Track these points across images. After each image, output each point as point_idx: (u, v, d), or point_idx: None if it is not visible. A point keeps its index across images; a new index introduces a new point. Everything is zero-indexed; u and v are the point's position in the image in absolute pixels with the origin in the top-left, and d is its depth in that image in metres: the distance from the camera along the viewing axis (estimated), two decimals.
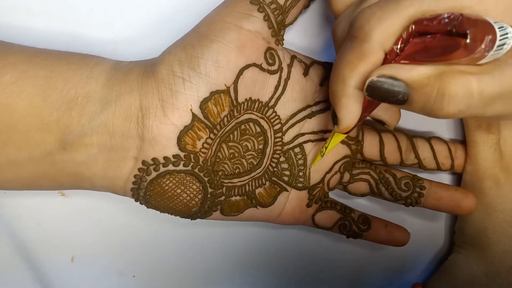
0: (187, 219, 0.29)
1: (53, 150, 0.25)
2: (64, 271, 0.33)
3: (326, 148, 0.27)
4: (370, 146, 0.32)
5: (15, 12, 0.29)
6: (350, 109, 0.23)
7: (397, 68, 0.21)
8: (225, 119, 0.27)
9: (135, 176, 0.26)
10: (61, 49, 0.27)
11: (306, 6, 0.29)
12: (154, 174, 0.26)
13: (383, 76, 0.21)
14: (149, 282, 0.34)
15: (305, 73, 0.29)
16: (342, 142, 0.31)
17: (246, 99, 0.27)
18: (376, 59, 0.21)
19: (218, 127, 0.27)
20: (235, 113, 0.27)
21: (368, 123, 0.33)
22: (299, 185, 0.31)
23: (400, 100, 0.21)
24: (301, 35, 0.32)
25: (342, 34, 0.24)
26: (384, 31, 0.21)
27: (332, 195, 0.34)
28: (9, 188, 0.27)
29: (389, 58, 0.21)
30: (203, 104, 0.26)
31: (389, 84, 0.21)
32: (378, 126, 0.33)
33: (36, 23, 0.29)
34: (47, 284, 0.33)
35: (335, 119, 0.24)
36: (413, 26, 0.21)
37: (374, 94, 0.21)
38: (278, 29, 0.28)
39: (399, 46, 0.21)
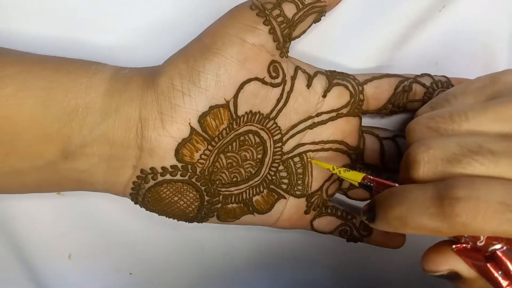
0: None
1: (55, 159, 0.26)
2: (61, 269, 0.34)
3: (343, 172, 0.28)
4: (371, 153, 0.33)
5: (15, 17, 0.29)
6: (389, 230, 0.23)
7: (461, 266, 0.22)
8: (224, 132, 0.27)
9: (133, 182, 0.27)
10: (63, 54, 0.27)
11: (316, 21, 0.29)
12: (152, 182, 0.27)
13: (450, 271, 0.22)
14: (146, 280, 0.36)
15: (309, 85, 0.30)
16: (343, 151, 0.31)
17: (246, 112, 0.28)
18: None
19: (216, 139, 0.27)
20: (234, 126, 0.28)
21: (369, 130, 0.33)
22: (297, 192, 0.31)
23: (454, 281, 0.23)
24: (305, 42, 0.32)
25: (423, 178, 0.22)
26: (470, 232, 0.20)
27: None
28: (13, 193, 0.29)
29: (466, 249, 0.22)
30: (202, 118, 0.26)
31: (451, 274, 0.23)
32: (381, 133, 0.33)
33: (36, 28, 0.29)
34: (44, 281, 0.34)
35: (370, 218, 0.23)
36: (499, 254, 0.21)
37: (438, 277, 0.23)
38: (283, 42, 0.28)
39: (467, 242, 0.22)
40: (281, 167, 0.31)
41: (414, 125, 0.24)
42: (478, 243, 0.21)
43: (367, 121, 0.34)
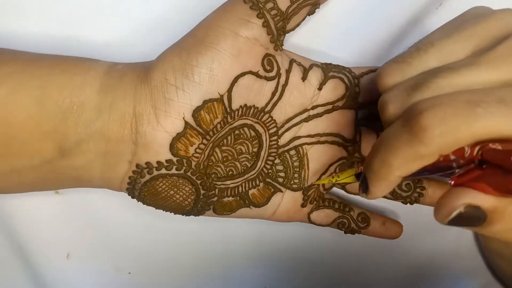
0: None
1: (52, 157, 0.26)
2: (59, 268, 0.34)
3: (339, 177, 0.28)
4: (368, 145, 0.33)
5: (13, 15, 0.29)
6: (385, 189, 0.23)
7: (479, 197, 0.21)
8: (218, 126, 0.28)
9: (129, 177, 0.28)
10: (60, 52, 0.28)
11: (310, 13, 0.29)
12: (148, 176, 0.28)
13: (468, 206, 0.21)
14: (145, 279, 0.36)
15: (304, 78, 0.30)
16: (339, 144, 0.32)
17: (240, 106, 0.28)
18: (430, 162, 0.21)
19: (211, 133, 0.28)
20: (229, 120, 0.28)
21: (365, 123, 0.33)
22: (294, 186, 0.32)
23: (476, 225, 0.21)
24: (300, 34, 0.32)
25: (393, 114, 0.23)
26: (449, 143, 0.20)
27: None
28: (11, 192, 0.29)
29: (441, 164, 0.21)
30: (196, 112, 0.27)
31: (471, 213, 0.21)
32: (376, 125, 0.33)
33: (33, 26, 0.29)
34: (43, 281, 0.34)
35: (364, 188, 0.24)
36: (482, 154, 0.20)
37: (457, 223, 0.21)
38: (277, 35, 0.28)
39: (459, 162, 0.21)
40: (277, 161, 0.31)
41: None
42: (466, 154, 0.20)
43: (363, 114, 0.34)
